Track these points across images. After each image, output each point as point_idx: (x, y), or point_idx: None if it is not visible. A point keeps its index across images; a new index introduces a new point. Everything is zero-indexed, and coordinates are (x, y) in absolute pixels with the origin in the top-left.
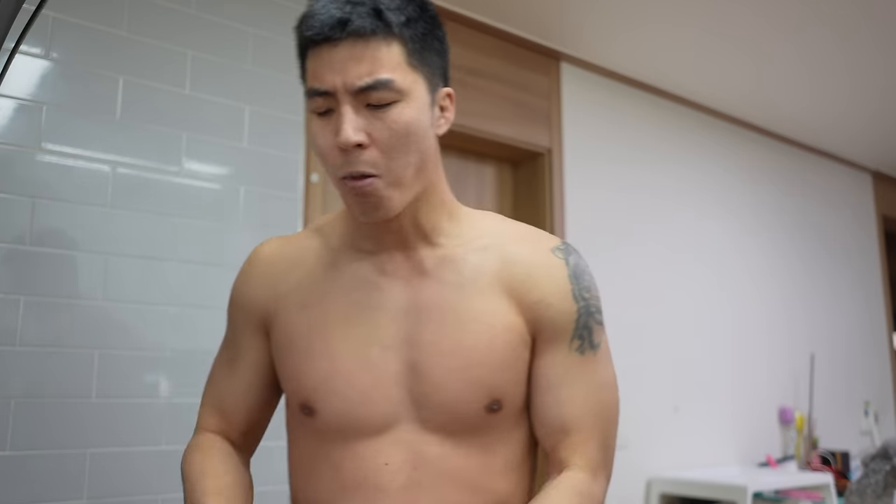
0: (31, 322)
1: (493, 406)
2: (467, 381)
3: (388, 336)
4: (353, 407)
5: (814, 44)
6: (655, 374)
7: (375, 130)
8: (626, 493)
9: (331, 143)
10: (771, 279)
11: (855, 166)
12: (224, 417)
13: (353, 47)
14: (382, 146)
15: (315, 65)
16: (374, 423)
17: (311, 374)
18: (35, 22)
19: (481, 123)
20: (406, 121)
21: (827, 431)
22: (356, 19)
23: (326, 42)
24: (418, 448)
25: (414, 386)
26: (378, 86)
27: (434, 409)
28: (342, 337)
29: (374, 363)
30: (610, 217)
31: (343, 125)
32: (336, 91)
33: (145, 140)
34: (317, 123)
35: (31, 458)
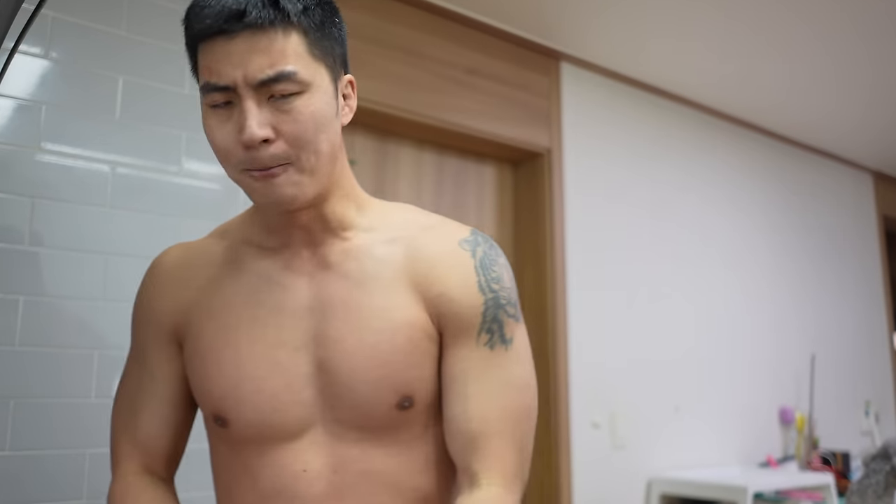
0: (30, 322)
1: (405, 403)
2: (374, 379)
3: (296, 336)
4: (264, 415)
5: (814, 44)
6: (656, 374)
7: (281, 123)
8: (626, 493)
9: (232, 140)
10: (771, 279)
11: (856, 166)
12: (144, 449)
13: (251, 39)
14: (290, 139)
15: (210, 59)
16: (288, 428)
17: (220, 382)
18: (34, 21)
19: (481, 123)
20: (312, 111)
21: (827, 432)
22: (252, 10)
23: (221, 35)
24: (336, 450)
25: (325, 387)
26: (281, 78)
27: (346, 409)
28: (249, 341)
29: (283, 366)
30: (610, 217)
31: (248, 121)
32: (236, 85)
33: (145, 140)
34: (213, 118)
35: (30, 458)
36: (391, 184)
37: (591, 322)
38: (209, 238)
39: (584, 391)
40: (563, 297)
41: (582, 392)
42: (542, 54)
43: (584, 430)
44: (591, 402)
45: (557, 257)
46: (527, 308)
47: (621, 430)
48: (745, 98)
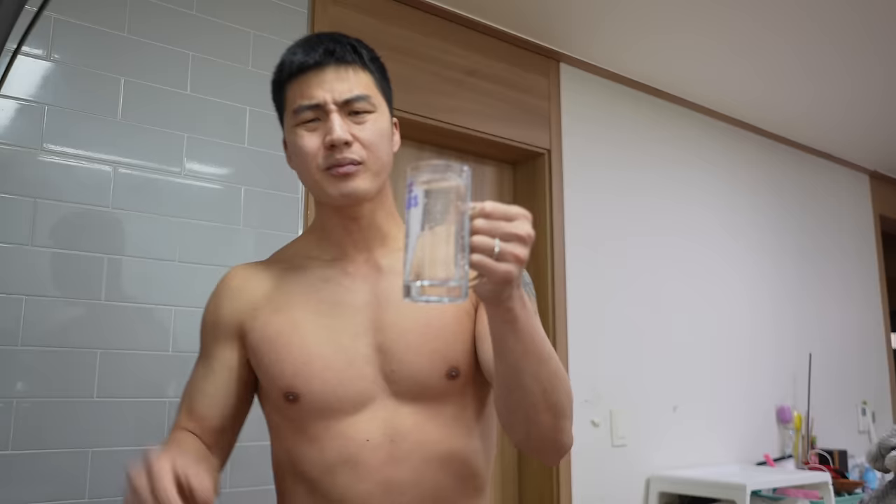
0: (32, 322)
1: (452, 373)
2: (428, 353)
3: (356, 325)
4: (332, 387)
5: (812, 45)
6: (654, 374)
7: (358, 132)
8: (626, 492)
9: (317, 144)
10: (769, 279)
11: (852, 167)
12: (197, 420)
13: (337, 71)
14: (364, 144)
15: (302, 87)
16: (352, 400)
17: (291, 361)
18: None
19: (481, 124)
20: (381, 127)
21: (824, 430)
22: (339, 50)
23: (314, 68)
24: (394, 421)
25: (384, 364)
26: (360, 98)
27: (403, 382)
28: (315, 329)
29: (345, 347)
30: (609, 217)
31: (335, 127)
32: (325, 103)
33: (147, 140)
34: (303, 131)
35: (32, 457)
36: (391, 184)
37: (591, 321)
38: (267, 261)
39: (583, 390)
40: (562, 297)
41: (581, 391)
42: (541, 55)
43: (584, 428)
44: (590, 401)
45: (557, 257)
46: None
47: (620, 429)
48: (743, 99)
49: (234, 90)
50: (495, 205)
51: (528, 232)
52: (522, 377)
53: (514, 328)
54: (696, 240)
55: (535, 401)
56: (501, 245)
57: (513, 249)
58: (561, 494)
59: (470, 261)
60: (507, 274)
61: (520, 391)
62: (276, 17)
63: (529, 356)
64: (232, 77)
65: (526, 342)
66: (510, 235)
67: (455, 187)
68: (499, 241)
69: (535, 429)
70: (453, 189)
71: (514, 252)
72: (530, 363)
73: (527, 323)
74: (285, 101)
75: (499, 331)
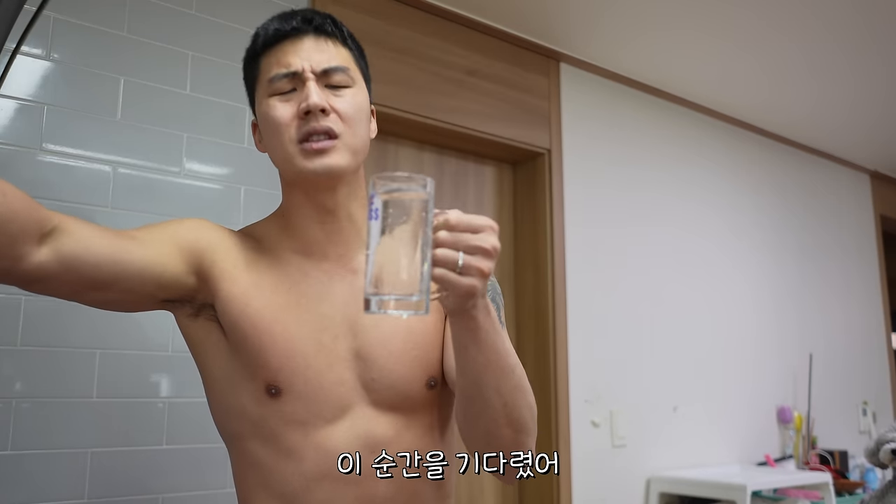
0: (32, 322)
1: (431, 382)
2: (409, 362)
3: (335, 325)
4: (313, 389)
5: (813, 45)
6: (655, 374)
7: (335, 102)
8: (626, 493)
9: (291, 114)
10: (770, 279)
11: (853, 167)
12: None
13: (316, 41)
14: (342, 115)
15: (278, 55)
16: (331, 406)
17: (275, 353)
18: (36, 23)
19: (481, 124)
20: (358, 101)
21: (825, 431)
22: (318, 20)
23: (290, 35)
24: (373, 432)
25: (362, 372)
26: (339, 70)
27: (383, 391)
28: (296, 322)
29: (326, 348)
30: (609, 217)
31: (311, 94)
32: (303, 71)
33: (146, 140)
34: (276, 101)
35: (32, 457)
36: None
37: (591, 321)
38: (240, 232)
39: (583, 390)
40: (562, 297)
41: (581, 391)
42: (541, 55)
43: (584, 429)
44: (590, 402)
45: (557, 257)
46: (526, 308)
47: (621, 430)
48: (744, 99)
49: (233, 90)
50: (460, 216)
51: (493, 244)
52: (484, 389)
53: (476, 338)
54: (696, 240)
55: (495, 415)
56: (465, 258)
57: (477, 263)
58: (561, 495)
59: (432, 274)
60: (470, 288)
61: (480, 403)
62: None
63: (492, 367)
64: (231, 77)
65: (488, 353)
66: (475, 248)
67: (417, 198)
68: (462, 253)
69: (496, 442)
70: (416, 200)
71: (477, 266)
72: (492, 375)
73: (490, 333)
74: (258, 73)
75: (461, 340)
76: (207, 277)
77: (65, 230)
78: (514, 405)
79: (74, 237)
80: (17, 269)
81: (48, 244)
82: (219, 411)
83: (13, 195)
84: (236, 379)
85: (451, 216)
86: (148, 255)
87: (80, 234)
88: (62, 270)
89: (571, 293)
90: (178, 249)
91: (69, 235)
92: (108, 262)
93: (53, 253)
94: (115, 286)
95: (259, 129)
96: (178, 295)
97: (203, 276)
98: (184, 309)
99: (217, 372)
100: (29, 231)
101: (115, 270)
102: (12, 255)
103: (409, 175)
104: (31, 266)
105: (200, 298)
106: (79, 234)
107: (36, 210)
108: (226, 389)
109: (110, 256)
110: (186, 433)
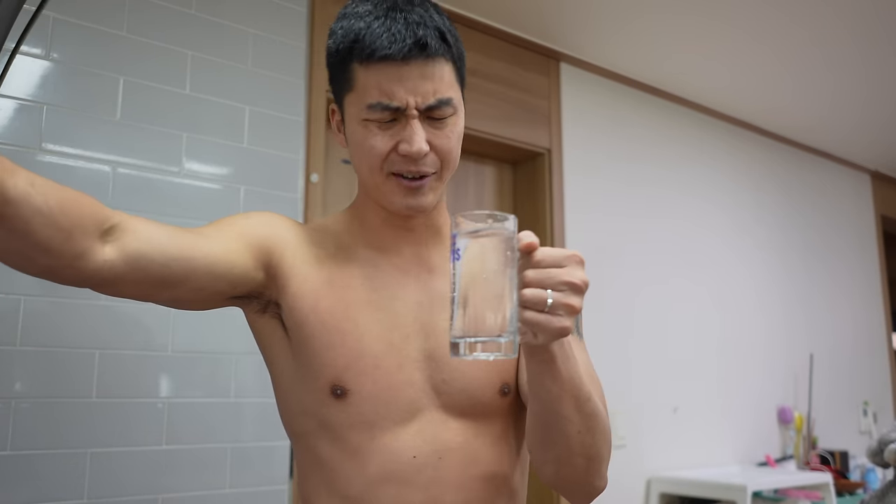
0: (31, 322)
1: (505, 389)
2: (482, 365)
3: (407, 324)
4: (381, 390)
5: (814, 46)
6: (655, 374)
7: (434, 139)
8: (626, 493)
9: (389, 147)
10: (770, 279)
11: (854, 166)
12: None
13: (423, 67)
14: (440, 153)
15: (380, 79)
16: (400, 408)
17: (343, 352)
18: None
19: (481, 123)
20: (459, 130)
21: (826, 431)
22: (431, 42)
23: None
24: (441, 438)
25: (433, 373)
26: (442, 104)
27: (454, 395)
28: (367, 320)
29: (397, 348)
30: (609, 217)
31: (415, 137)
32: (408, 108)
33: (146, 140)
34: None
35: (31, 457)
36: None
37: (591, 322)
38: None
39: None
40: None
41: None
42: (541, 55)
43: None
44: None
45: None
46: None
47: (621, 430)
48: (744, 99)
49: (233, 90)
50: (545, 251)
51: (581, 279)
52: (557, 419)
53: (551, 368)
54: (696, 240)
55: (569, 443)
56: (555, 296)
57: (566, 300)
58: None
59: (521, 317)
60: (560, 330)
61: (555, 432)
62: (276, 17)
63: (566, 398)
64: (231, 77)
65: (563, 382)
66: (564, 284)
67: (500, 237)
68: (551, 291)
69: (567, 470)
70: (498, 238)
71: (567, 303)
72: (566, 405)
73: (565, 362)
74: (352, 84)
75: (535, 370)
76: (276, 274)
77: (128, 228)
78: (588, 432)
79: (139, 235)
80: (79, 268)
81: (111, 243)
82: (284, 408)
83: (56, 190)
84: (301, 377)
85: (537, 254)
86: (217, 251)
87: (146, 232)
88: (129, 269)
89: None
90: (246, 245)
91: (133, 233)
92: (176, 260)
93: (118, 252)
94: (185, 284)
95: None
96: (247, 291)
97: (272, 272)
98: (251, 305)
99: (282, 369)
100: (85, 226)
101: (185, 268)
102: (71, 253)
103: (491, 213)
104: (96, 265)
105: (268, 295)
106: (144, 232)
107: (91, 205)
108: (290, 387)
109: (178, 253)
110: (186, 433)
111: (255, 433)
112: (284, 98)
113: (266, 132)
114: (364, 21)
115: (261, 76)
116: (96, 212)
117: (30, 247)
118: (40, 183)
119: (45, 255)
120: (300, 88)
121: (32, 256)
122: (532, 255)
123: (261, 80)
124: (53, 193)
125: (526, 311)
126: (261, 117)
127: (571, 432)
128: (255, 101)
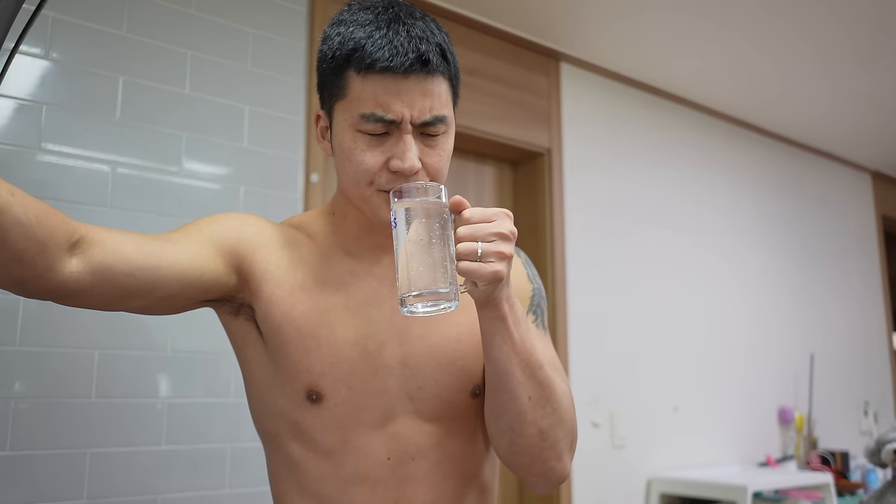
0: (31, 322)
1: (475, 391)
2: (456, 371)
3: (381, 331)
4: (357, 396)
5: (815, 46)
6: (655, 374)
7: (426, 156)
8: (626, 493)
9: (380, 163)
10: (771, 279)
11: (855, 166)
12: (104, 238)
13: (421, 82)
14: (430, 170)
15: (377, 90)
16: (375, 414)
17: (319, 359)
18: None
19: (481, 123)
20: (449, 149)
21: (826, 431)
22: (433, 58)
23: (399, 72)
24: (416, 441)
25: (408, 381)
26: (436, 121)
27: (428, 401)
28: (342, 326)
29: (371, 355)
30: (610, 217)
31: (409, 153)
32: (403, 122)
33: (145, 140)
34: (363, 141)
35: (31, 457)
36: None
37: (591, 322)
38: (283, 225)
39: (583, 391)
40: (562, 297)
41: (582, 392)
42: (542, 54)
43: (584, 429)
44: (590, 402)
45: (557, 257)
46: None
47: (621, 430)
48: (744, 99)
49: (233, 89)
50: (474, 210)
51: (508, 228)
52: (508, 380)
53: (501, 328)
54: (697, 240)
55: (520, 408)
56: (484, 246)
57: (495, 248)
58: (561, 496)
59: (457, 268)
60: (494, 273)
61: (505, 394)
62: (276, 17)
63: (516, 360)
64: (231, 76)
65: (514, 343)
66: (493, 235)
67: (432, 203)
68: (481, 243)
69: (520, 441)
70: (430, 205)
71: (496, 250)
72: (516, 367)
73: (517, 325)
74: (345, 91)
75: (487, 330)
76: (248, 277)
77: (94, 240)
78: (540, 400)
79: (104, 246)
80: (47, 281)
81: (78, 255)
82: (257, 409)
83: (32, 202)
84: (275, 381)
85: (467, 212)
86: (185, 258)
87: (111, 243)
88: (96, 281)
89: (571, 293)
90: (216, 250)
91: (99, 245)
92: (142, 270)
93: (85, 264)
94: (153, 293)
95: (329, 138)
96: (219, 295)
97: (244, 276)
98: (224, 307)
99: (256, 371)
100: (57, 238)
101: (152, 277)
102: (42, 265)
103: (422, 184)
104: (63, 277)
105: (240, 298)
106: (109, 244)
107: (62, 218)
108: (264, 390)
109: (145, 263)
110: (185, 433)
111: (255, 434)
112: (284, 98)
113: (266, 132)
114: (365, 30)
115: (260, 76)
116: (66, 224)
117: (6, 257)
118: (19, 194)
119: (18, 265)
120: (300, 88)
121: (7, 266)
122: (462, 213)
123: (260, 79)
124: (31, 205)
125: (461, 262)
126: (261, 117)
127: (522, 396)
128: (254, 101)
